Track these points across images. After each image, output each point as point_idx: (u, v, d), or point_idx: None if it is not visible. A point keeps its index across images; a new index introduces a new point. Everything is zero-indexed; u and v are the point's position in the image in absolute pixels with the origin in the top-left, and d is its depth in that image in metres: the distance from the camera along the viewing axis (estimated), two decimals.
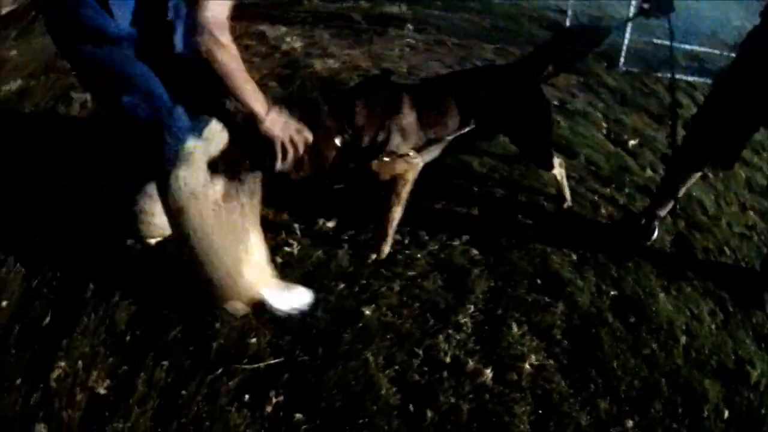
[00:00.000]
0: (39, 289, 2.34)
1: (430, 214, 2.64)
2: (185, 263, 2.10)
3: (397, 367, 1.96)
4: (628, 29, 4.57)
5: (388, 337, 2.05)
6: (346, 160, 2.26)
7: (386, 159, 2.28)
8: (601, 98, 4.02)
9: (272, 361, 1.99)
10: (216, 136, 2.00)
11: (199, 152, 1.96)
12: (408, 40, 4.72)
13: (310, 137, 2.03)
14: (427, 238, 2.47)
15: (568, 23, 5.33)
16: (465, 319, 2.11)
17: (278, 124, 1.94)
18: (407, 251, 2.41)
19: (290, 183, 2.33)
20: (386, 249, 2.41)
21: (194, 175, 1.95)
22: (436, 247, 2.44)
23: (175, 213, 1.99)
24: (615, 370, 2.02)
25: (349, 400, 1.87)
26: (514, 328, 2.10)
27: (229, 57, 1.75)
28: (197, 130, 1.96)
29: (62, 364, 2.03)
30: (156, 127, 1.91)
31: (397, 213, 2.37)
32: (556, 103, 3.78)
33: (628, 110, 3.89)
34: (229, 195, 2.05)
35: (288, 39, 4.92)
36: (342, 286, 2.24)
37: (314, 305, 2.20)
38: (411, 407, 1.85)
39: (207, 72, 1.77)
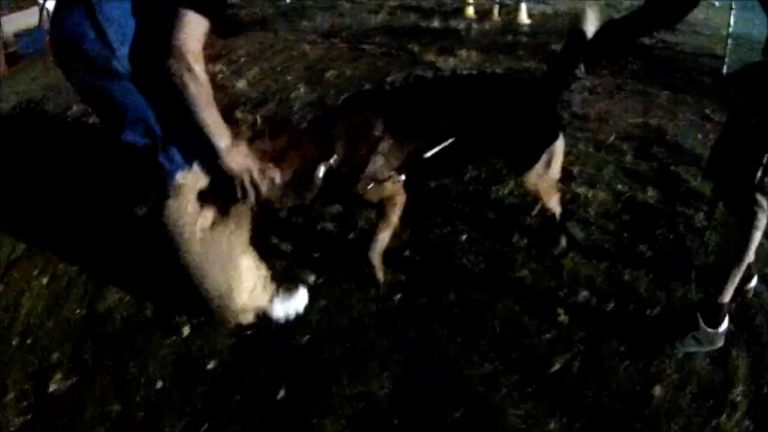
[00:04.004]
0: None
1: None
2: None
3: None
4: None
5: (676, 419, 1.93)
6: (332, 186, 2.15)
7: (370, 185, 2.18)
8: None
9: None
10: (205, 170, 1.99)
11: (188, 185, 1.96)
12: (585, 82, 4.63)
13: (276, 177, 1.98)
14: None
15: (725, 70, 5.16)
16: (738, 398, 1.99)
17: (238, 161, 1.84)
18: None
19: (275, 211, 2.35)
20: (381, 276, 2.42)
21: (183, 205, 1.97)
22: None
23: (167, 239, 2.02)
24: None
25: None
26: None
27: (198, 87, 1.69)
28: (188, 163, 1.95)
29: None
30: (152, 158, 1.92)
31: (386, 236, 2.33)
32: None
33: None
34: (217, 224, 2.06)
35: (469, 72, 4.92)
36: (627, 363, 2.12)
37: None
38: None
39: (174, 96, 1.72)
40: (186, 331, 2.33)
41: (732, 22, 5.28)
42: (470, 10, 7.02)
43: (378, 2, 7.83)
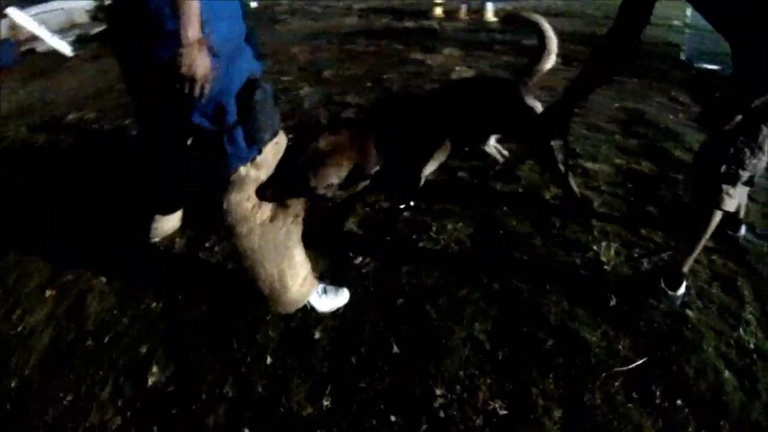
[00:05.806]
0: (391, 315, 2.40)
1: None
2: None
3: (728, 356, 2.17)
4: None
5: (711, 334, 2.28)
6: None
7: None
8: None
9: (639, 361, 2.16)
10: (267, 163, 2.05)
11: (251, 178, 2.01)
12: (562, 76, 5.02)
13: (333, 177, 2.21)
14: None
15: (683, 57, 5.64)
16: (749, 316, 2.37)
17: (197, 62, 1.69)
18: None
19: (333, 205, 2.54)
20: None
21: (243, 198, 2.01)
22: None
23: (227, 231, 2.07)
24: None
25: (708, 388, 2.06)
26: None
27: None
28: (251, 156, 1.99)
29: (439, 391, 2.05)
30: (217, 146, 1.94)
31: None
32: None
33: None
34: (275, 217, 2.10)
35: (459, 68, 5.31)
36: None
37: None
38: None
39: None
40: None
41: (689, 14, 5.76)
42: (438, 11, 7.40)
43: (345, 5, 8.03)
